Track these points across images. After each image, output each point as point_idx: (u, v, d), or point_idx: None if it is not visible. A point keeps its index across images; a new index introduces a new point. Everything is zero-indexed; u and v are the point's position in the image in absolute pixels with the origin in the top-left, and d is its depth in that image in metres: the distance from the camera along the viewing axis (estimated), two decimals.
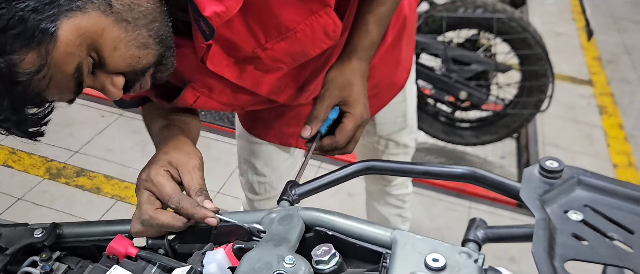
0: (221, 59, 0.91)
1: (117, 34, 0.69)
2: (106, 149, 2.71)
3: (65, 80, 0.67)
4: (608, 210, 0.59)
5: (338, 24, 0.93)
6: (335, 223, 0.71)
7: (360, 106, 0.97)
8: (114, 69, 0.72)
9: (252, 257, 0.65)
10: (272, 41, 0.90)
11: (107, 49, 0.69)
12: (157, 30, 0.74)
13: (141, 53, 0.72)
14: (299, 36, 0.90)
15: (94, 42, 0.67)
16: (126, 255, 0.78)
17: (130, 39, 0.70)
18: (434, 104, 2.75)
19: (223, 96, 1.00)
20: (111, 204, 2.39)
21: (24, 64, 0.62)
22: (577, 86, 3.53)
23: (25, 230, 0.83)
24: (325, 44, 0.96)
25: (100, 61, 0.70)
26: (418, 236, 0.65)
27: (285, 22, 0.88)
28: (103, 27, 0.67)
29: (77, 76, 0.68)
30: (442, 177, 0.74)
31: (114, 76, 0.74)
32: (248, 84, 0.99)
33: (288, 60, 0.97)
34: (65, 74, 0.66)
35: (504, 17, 2.31)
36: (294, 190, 0.81)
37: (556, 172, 0.62)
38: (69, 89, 0.69)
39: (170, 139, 0.92)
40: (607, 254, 0.54)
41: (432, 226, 2.42)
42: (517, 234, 0.64)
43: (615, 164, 2.86)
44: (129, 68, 0.73)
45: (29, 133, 0.70)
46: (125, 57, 0.71)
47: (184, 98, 0.97)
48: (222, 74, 0.93)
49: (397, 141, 1.51)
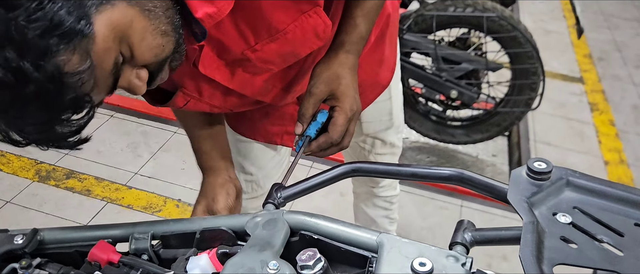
0: (212, 61, 0.91)
1: (144, 24, 0.70)
2: (96, 151, 2.68)
3: (105, 77, 0.68)
4: (597, 212, 0.58)
5: (328, 24, 0.93)
6: (320, 227, 0.69)
7: (349, 98, 0.96)
8: (142, 60, 0.73)
9: (236, 263, 0.64)
10: (262, 42, 0.90)
11: (136, 40, 0.70)
12: (172, 17, 0.75)
13: (164, 41, 0.74)
14: (289, 37, 0.90)
15: (125, 34, 0.68)
16: (108, 261, 0.76)
17: (154, 28, 0.71)
18: (425, 103, 2.74)
19: (213, 98, 1.01)
20: (101, 206, 2.37)
21: (71, 64, 0.61)
22: (568, 83, 3.53)
23: (5, 237, 0.81)
24: (315, 45, 0.96)
25: (129, 54, 0.71)
26: (404, 239, 0.64)
27: (275, 23, 0.87)
28: (131, 18, 0.68)
29: (115, 71, 0.69)
30: (429, 179, 0.72)
31: (138, 70, 0.74)
32: (236, 86, 0.99)
33: (278, 62, 0.96)
34: (105, 70, 0.67)
35: (494, 16, 2.31)
36: (279, 193, 0.80)
37: (544, 173, 0.61)
38: (107, 86, 0.70)
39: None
40: (597, 257, 0.53)
41: (424, 224, 2.41)
42: (506, 236, 0.63)
43: (607, 161, 2.86)
44: (155, 58, 0.74)
45: (71, 143, 0.69)
46: (152, 46, 0.72)
47: (175, 102, 0.98)
48: (213, 77, 0.94)
49: (383, 139, 1.51)
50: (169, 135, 2.82)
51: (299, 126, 0.96)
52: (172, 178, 2.55)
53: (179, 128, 2.87)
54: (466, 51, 2.50)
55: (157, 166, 2.63)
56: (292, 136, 1.29)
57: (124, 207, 2.38)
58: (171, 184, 2.51)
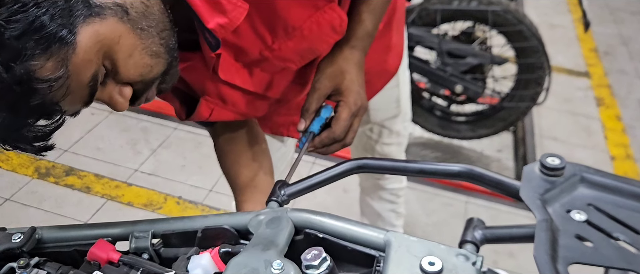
0: (230, 65, 0.91)
1: (133, 42, 0.69)
2: (96, 148, 2.67)
3: (81, 88, 0.66)
4: (613, 209, 0.56)
5: (344, 18, 0.93)
6: (325, 225, 0.67)
7: (353, 93, 0.95)
8: (126, 77, 0.71)
9: (239, 262, 0.62)
10: (279, 41, 0.89)
11: (122, 57, 0.68)
12: (167, 39, 0.74)
13: (153, 62, 0.72)
14: (306, 33, 0.89)
15: (110, 49, 0.67)
16: (108, 260, 0.75)
17: (144, 47, 0.70)
18: (430, 98, 2.72)
19: (237, 105, 0.99)
20: (101, 203, 2.36)
21: (43, 70, 0.60)
22: (573, 78, 3.50)
23: (2, 235, 0.80)
24: (332, 39, 0.95)
25: (113, 70, 0.69)
26: (413, 237, 0.62)
27: (291, 21, 0.87)
28: (120, 34, 0.67)
29: (92, 85, 0.67)
30: (438, 175, 0.70)
31: (122, 87, 0.73)
32: (259, 88, 0.98)
33: (296, 59, 0.96)
34: (82, 82, 0.65)
35: (499, 9, 2.28)
36: (283, 190, 0.78)
37: (558, 169, 0.59)
38: (82, 98, 0.68)
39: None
40: (613, 256, 0.51)
41: (429, 221, 2.39)
42: (517, 234, 0.61)
43: (613, 156, 2.83)
44: (140, 77, 0.72)
45: (36, 148, 0.68)
46: (139, 65, 0.71)
47: (199, 112, 0.97)
48: (233, 82, 0.93)
49: (390, 128, 1.50)
50: (169, 131, 2.81)
51: (301, 122, 0.95)
52: (172, 175, 2.54)
53: (179, 124, 2.85)
54: (471, 45, 2.47)
55: (157, 163, 2.62)
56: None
57: (124, 204, 2.36)
58: (171, 181, 2.50)
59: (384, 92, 1.35)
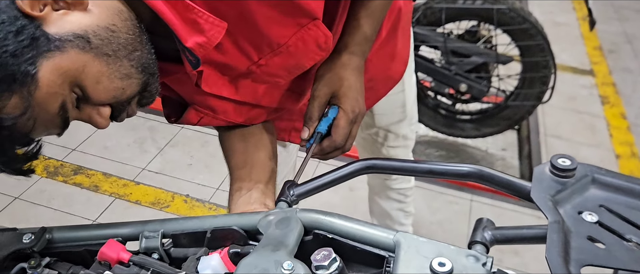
0: (216, 79, 0.90)
1: (99, 69, 0.69)
2: (104, 147, 2.67)
3: (50, 118, 0.68)
4: (624, 210, 0.56)
5: (328, 35, 0.90)
6: (335, 226, 0.68)
7: (351, 100, 0.94)
8: (99, 101, 0.72)
9: (249, 263, 0.62)
10: (266, 57, 0.88)
11: (89, 84, 0.69)
12: (138, 60, 0.73)
13: (125, 84, 0.72)
14: (292, 50, 0.88)
15: (75, 78, 0.67)
16: (118, 260, 0.75)
17: (112, 72, 0.70)
18: (434, 97, 2.71)
19: (228, 114, 0.99)
20: (110, 202, 2.37)
21: (8, 108, 0.62)
22: (578, 76, 3.49)
23: (13, 235, 0.80)
24: (318, 56, 0.94)
25: (84, 96, 0.70)
26: (423, 238, 0.62)
27: (275, 38, 0.85)
28: (83, 64, 0.67)
29: (62, 113, 0.68)
30: (447, 176, 0.70)
31: (100, 107, 0.73)
32: (248, 98, 0.97)
33: (284, 74, 0.94)
34: (50, 112, 0.67)
35: (504, 8, 2.27)
36: (292, 191, 0.78)
37: (569, 170, 0.59)
38: (55, 125, 0.70)
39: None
40: (626, 258, 0.51)
41: (434, 219, 2.39)
42: (527, 235, 0.61)
43: (618, 154, 2.83)
44: (114, 99, 0.73)
45: (20, 171, 0.71)
46: (109, 89, 0.71)
47: (188, 118, 0.97)
48: (220, 94, 0.92)
49: (396, 132, 1.49)
50: (176, 130, 2.81)
51: (305, 131, 0.95)
52: (179, 173, 2.54)
53: None
54: (476, 44, 2.47)
55: (165, 161, 2.63)
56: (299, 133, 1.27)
57: (132, 203, 2.37)
58: (179, 180, 2.50)
59: (389, 97, 1.34)
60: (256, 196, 0.94)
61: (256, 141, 1.05)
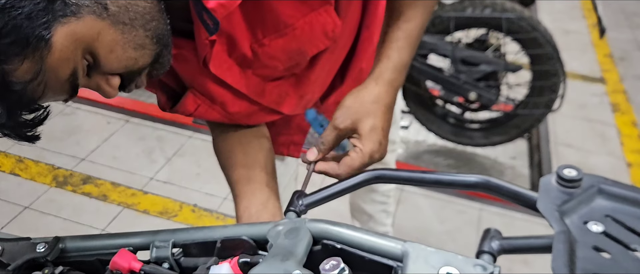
0: (222, 60, 0.89)
1: (113, 37, 0.68)
2: (112, 157, 2.70)
3: (60, 84, 0.66)
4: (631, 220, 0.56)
5: (337, 23, 0.90)
6: (343, 236, 0.68)
7: (372, 143, 0.87)
8: (110, 70, 0.71)
9: (259, 272, 0.63)
10: (270, 37, 0.88)
11: (102, 52, 0.68)
12: (154, 30, 0.72)
13: (138, 54, 0.71)
14: (297, 33, 0.88)
15: (89, 45, 0.66)
16: (130, 270, 0.76)
17: (126, 41, 0.69)
18: (443, 105, 2.71)
19: (226, 105, 0.98)
20: (118, 211, 2.38)
21: (19, 72, 0.61)
22: (588, 84, 3.48)
23: (27, 245, 0.82)
24: (322, 44, 0.92)
25: (95, 63, 0.69)
26: (430, 248, 0.63)
27: (283, 18, 0.85)
28: (98, 31, 0.66)
29: (72, 80, 0.67)
30: (454, 186, 0.71)
31: (109, 76, 0.72)
32: (250, 91, 0.97)
33: (284, 58, 0.93)
34: (60, 78, 0.65)
35: (513, 16, 2.28)
36: (301, 200, 0.78)
37: (575, 181, 0.59)
38: (64, 91, 0.68)
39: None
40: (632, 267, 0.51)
41: (443, 229, 2.39)
42: (535, 245, 0.61)
43: (630, 163, 2.81)
44: (125, 69, 0.72)
45: (26, 137, 0.69)
46: (122, 59, 0.70)
47: (184, 105, 0.95)
48: (224, 78, 0.91)
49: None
50: (183, 140, 2.83)
51: (312, 152, 0.88)
52: (187, 183, 2.56)
53: (194, 133, 2.87)
54: (485, 52, 2.47)
55: (173, 171, 2.64)
56: (298, 147, 1.27)
57: (140, 212, 2.38)
58: (186, 189, 2.52)
59: None
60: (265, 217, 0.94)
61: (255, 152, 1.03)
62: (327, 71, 1.06)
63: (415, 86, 2.60)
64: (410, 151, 2.90)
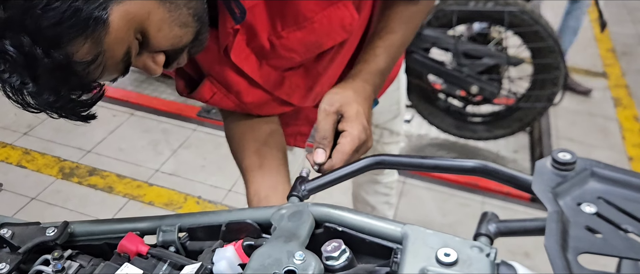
0: (242, 49, 0.93)
1: (162, 15, 0.71)
2: (118, 149, 2.72)
3: (115, 63, 0.69)
4: (622, 202, 0.58)
5: (355, 17, 0.93)
6: (345, 219, 0.70)
7: (359, 125, 0.89)
8: (158, 48, 0.74)
9: (262, 253, 0.65)
10: (288, 29, 0.91)
11: (152, 31, 0.71)
12: (195, 8, 0.76)
13: (182, 32, 0.75)
14: (316, 26, 0.91)
15: (140, 25, 0.69)
16: (137, 253, 0.78)
17: (173, 19, 0.73)
18: (445, 99, 2.73)
19: (241, 95, 1.01)
20: (123, 203, 2.41)
21: (81, 53, 0.64)
22: (591, 78, 3.48)
23: (37, 229, 0.84)
24: (340, 37, 0.96)
25: (144, 42, 0.72)
26: (429, 230, 0.65)
27: (304, 11, 0.88)
28: (149, 10, 0.69)
29: (126, 59, 0.71)
30: (452, 171, 0.73)
31: (155, 55, 0.76)
32: (266, 83, 1.00)
33: (301, 51, 0.96)
34: (116, 58, 0.69)
35: (515, 10, 2.29)
36: (303, 186, 0.80)
37: (569, 164, 0.61)
38: (118, 71, 0.72)
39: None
40: (622, 246, 0.53)
41: (445, 221, 2.41)
42: (530, 227, 0.63)
43: (631, 157, 2.82)
44: (171, 47, 0.75)
45: (82, 117, 0.72)
46: (169, 37, 0.73)
47: (201, 92, 0.99)
48: (242, 67, 0.95)
49: (391, 129, 1.53)
50: (188, 132, 2.86)
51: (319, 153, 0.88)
52: (192, 175, 2.58)
53: (198, 126, 2.89)
54: (487, 46, 2.48)
55: (178, 163, 2.67)
56: (304, 137, 1.30)
57: (146, 204, 2.41)
58: (191, 181, 2.54)
59: (387, 95, 1.36)
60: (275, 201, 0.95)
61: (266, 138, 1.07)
62: (337, 63, 1.08)
63: (417, 79, 2.61)
64: (413, 144, 2.91)
